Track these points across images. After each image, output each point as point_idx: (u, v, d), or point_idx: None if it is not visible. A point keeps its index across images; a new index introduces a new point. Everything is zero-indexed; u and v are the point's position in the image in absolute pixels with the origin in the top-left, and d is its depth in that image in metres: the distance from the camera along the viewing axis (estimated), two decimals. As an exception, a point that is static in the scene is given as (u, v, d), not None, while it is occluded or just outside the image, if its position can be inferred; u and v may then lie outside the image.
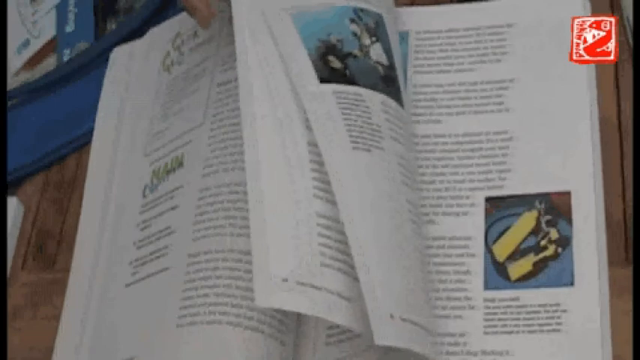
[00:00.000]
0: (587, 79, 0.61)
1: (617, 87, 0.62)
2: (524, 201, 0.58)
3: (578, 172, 0.58)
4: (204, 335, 0.56)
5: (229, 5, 0.61)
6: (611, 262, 0.56)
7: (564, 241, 0.57)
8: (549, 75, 0.62)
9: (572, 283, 0.55)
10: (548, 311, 0.55)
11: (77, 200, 0.71)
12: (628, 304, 0.54)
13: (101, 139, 0.72)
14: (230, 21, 0.62)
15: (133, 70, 0.74)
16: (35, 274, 0.69)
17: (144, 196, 0.65)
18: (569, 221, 0.57)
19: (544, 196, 0.58)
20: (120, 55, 0.75)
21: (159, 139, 0.67)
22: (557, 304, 0.55)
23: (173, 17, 0.73)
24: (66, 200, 0.72)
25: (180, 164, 0.64)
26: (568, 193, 0.58)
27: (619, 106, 0.61)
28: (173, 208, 0.62)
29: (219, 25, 0.68)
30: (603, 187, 0.58)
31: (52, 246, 0.70)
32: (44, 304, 0.68)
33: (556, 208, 0.58)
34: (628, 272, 0.55)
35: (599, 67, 0.62)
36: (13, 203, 0.72)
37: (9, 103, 0.78)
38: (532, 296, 0.55)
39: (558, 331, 0.54)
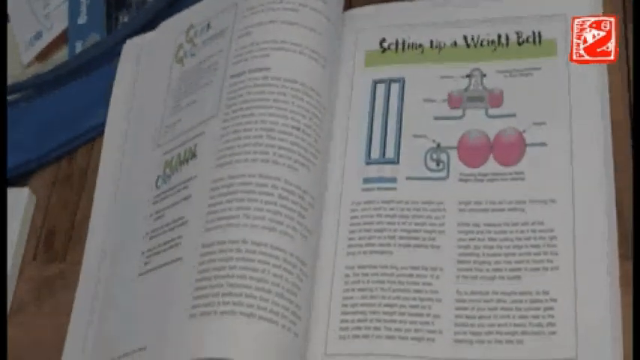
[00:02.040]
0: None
1: (629, 86, 0.62)
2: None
3: None
4: (217, 325, 0.56)
5: None
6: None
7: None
8: None
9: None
10: None
11: (88, 193, 0.71)
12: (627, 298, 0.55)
13: (113, 132, 0.72)
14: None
15: (145, 63, 0.73)
16: (45, 266, 0.70)
17: (157, 187, 0.65)
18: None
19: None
20: (132, 48, 0.75)
21: (172, 131, 0.67)
22: None
23: (186, 9, 0.73)
24: (77, 193, 0.72)
25: (194, 155, 0.64)
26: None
27: (631, 103, 0.62)
28: (186, 199, 0.62)
29: (233, 17, 0.68)
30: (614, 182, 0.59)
31: (63, 239, 0.70)
32: (50, 297, 0.68)
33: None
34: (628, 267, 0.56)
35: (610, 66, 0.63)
36: (24, 194, 0.72)
37: (21, 95, 0.78)
38: None
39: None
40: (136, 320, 0.61)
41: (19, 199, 0.72)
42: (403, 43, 0.68)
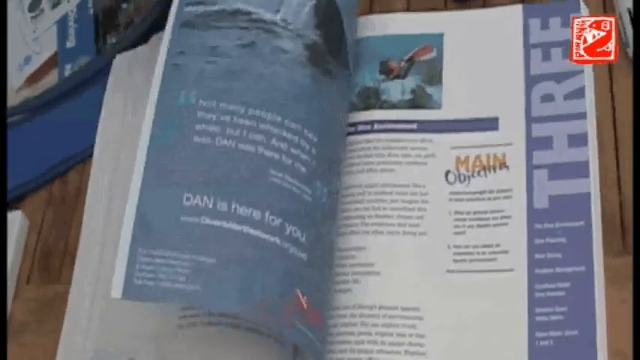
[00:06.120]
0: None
1: (611, 84, 0.63)
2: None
3: None
4: (204, 337, 0.56)
5: None
6: (608, 253, 0.57)
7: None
8: None
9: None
10: None
11: (81, 213, 0.71)
12: (623, 294, 0.55)
13: (104, 145, 0.72)
14: None
15: (136, 76, 0.73)
16: (40, 288, 0.70)
17: None
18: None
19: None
20: (122, 61, 0.75)
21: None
22: None
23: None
24: (69, 213, 0.72)
25: None
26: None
27: (613, 101, 0.62)
28: None
29: None
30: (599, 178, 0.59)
31: (57, 260, 0.71)
32: (49, 318, 0.68)
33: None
34: (626, 262, 0.56)
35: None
36: (17, 217, 0.72)
37: (11, 120, 0.79)
38: None
39: None
40: (125, 331, 0.60)
41: (13, 222, 0.72)
42: None
